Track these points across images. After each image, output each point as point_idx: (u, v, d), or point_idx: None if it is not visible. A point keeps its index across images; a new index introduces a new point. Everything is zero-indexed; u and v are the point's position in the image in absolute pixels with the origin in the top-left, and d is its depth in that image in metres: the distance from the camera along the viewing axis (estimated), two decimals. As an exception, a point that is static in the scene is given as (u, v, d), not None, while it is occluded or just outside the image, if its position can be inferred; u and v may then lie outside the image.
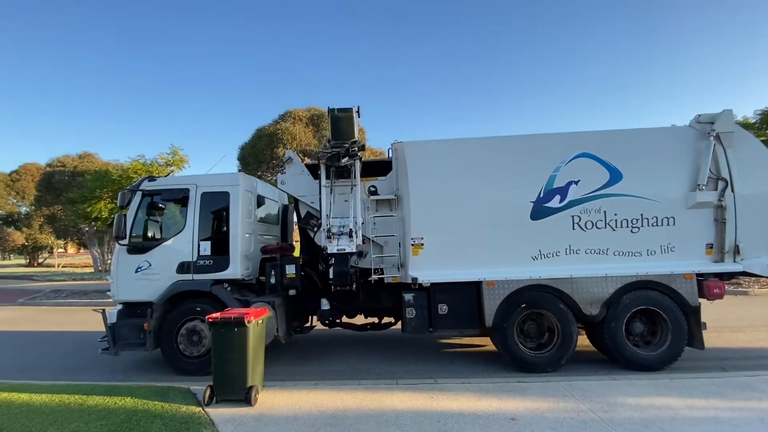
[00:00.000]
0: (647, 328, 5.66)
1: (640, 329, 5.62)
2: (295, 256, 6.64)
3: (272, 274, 6.17)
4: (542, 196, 5.67)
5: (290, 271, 6.11)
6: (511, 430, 3.74)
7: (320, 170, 6.07)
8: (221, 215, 6.20)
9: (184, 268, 6.01)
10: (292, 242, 7.77)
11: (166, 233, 6.34)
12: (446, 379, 5.23)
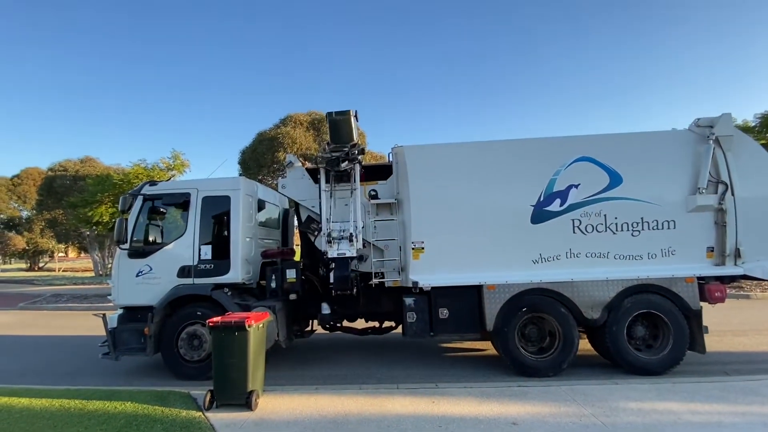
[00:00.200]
0: (649, 331, 5.64)
1: (641, 333, 5.60)
2: (295, 260, 6.65)
3: (273, 278, 6.17)
4: (542, 199, 5.68)
5: (291, 275, 6.10)
6: (512, 434, 3.71)
7: (320, 174, 6.09)
8: (222, 219, 6.21)
9: (184, 272, 6.03)
10: (292, 246, 7.77)
11: (167, 237, 6.37)
12: (447, 383, 5.21)
